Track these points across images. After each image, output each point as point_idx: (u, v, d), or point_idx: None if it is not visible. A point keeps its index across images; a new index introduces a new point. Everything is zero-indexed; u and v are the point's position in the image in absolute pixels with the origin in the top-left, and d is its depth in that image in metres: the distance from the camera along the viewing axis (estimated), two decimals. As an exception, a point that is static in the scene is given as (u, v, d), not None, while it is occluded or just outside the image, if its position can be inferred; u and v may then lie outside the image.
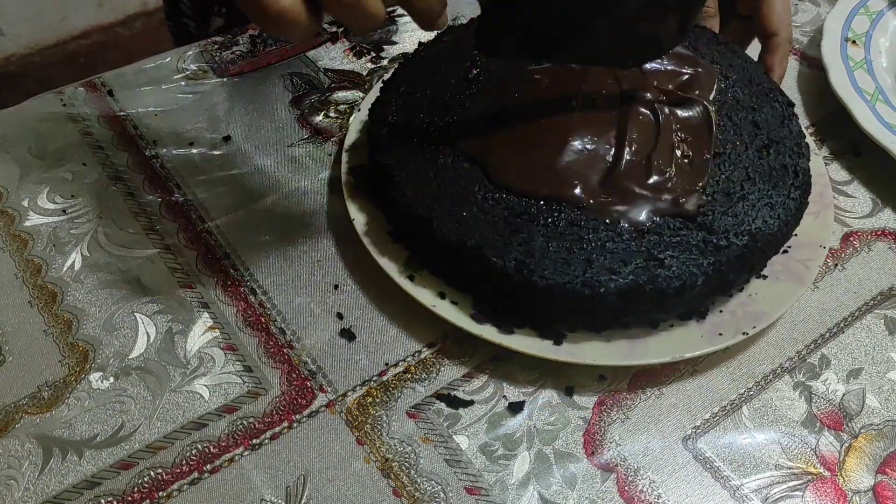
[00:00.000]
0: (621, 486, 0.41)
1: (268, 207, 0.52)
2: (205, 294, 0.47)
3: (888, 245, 0.53)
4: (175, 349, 0.45)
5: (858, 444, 0.44)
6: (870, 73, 0.61)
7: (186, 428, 0.42)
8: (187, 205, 0.52)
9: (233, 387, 0.43)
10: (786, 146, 0.48)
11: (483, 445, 0.42)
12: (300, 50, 0.63)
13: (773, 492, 0.42)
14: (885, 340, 0.48)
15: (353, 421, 0.43)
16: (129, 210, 0.51)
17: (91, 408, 0.42)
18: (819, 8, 0.72)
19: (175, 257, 0.49)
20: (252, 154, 0.55)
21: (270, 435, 0.42)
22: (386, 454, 0.41)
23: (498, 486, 0.41)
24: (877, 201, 0.56)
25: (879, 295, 0.50)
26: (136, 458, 0.41)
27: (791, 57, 0.67)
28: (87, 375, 0.43)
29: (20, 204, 0.51)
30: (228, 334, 0.46)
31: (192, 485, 0.40)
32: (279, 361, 0.45)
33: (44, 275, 0.48)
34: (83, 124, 0.56)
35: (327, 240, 0.50)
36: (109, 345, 0.45)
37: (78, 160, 0.54)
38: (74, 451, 0.41)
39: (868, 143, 0.56)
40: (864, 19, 0.66)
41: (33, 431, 0.41)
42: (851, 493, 0.42)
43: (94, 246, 0.49)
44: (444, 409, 0.43)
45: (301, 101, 0.59)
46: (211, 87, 0.59)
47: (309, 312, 0.47)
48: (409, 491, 0.40)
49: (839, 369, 0.47)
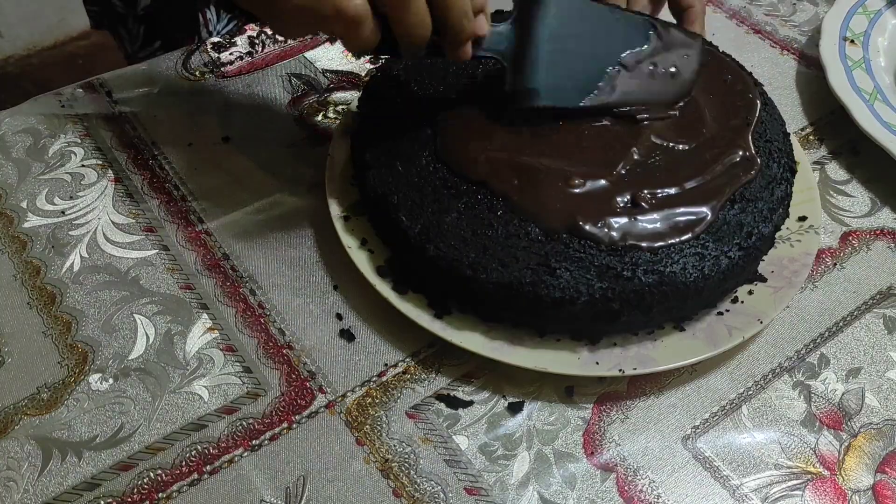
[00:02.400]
0: (621, 486, 0.41)
1: (267, 208, 0.52)
2: (204, 295, 0.47)
3: (887, 244, 0.53)
4: (174, 350, 0.45)
5: (858, 444, 0.44)
6: (868, 73, 0.61)
7: (186, 429, 0.42)
8: (186, 206, 0.52)
9: (232, 388, 0.43)
10: (756, 207, 0.46)
11: (483, 446, 0.42)
12: (298, 51, 0.63)
13: (772, 491, 0.42)
14: (885, 339, 0.48)
15: (353, 421, 0.43)
16: (128, 211, 0.51)
17: (90, 409, 0.42)
18: (817, 7, 0.72)
19: (174, 258, 0.49)
20: (251, 155, 0.55)
21: (270, 436, 0.42)
22: (386, 455, 0.41)
23: (498, 486, 0.41)
24: (875, 200, 0.56)
25: (878, 294, 0.50)
26: (136, 460, 0.40)
27: (789, 56, 0.67)
28: (87, 377, 0.43)
29: (19, 205, 0.51)
30: (228, 335, 0.46)
31: (191, 486, 0.40)
32: (278, 362, 0.45)
33: (43, 276, 0.48)
34: (82, 125, 0.56)
35: (327, 240, 0.50)
36: (109, 346, 0.45)
37: (76, 161, 0.54)
38: (74, 453, 0.41)
39: (866, 143, 0.56)
40: (863, 19, 0.66)
41: (33, 433, 0.41)
42: (851, 492, 0.42)
43: (93, 247, 0.49)
44: (443, 410, 0.43)
45: (300, 102, 0.59)
46: (210, 88, 0.59)
47: (308, 313, 0.47)
48: (408, 491, 0.40)
49: (838, 368, 0.47)
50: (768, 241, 0.47)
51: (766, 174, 0.47)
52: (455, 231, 0.44)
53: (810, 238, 0.50)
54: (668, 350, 0.44)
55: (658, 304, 0.43)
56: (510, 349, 0.43)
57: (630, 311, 0.42)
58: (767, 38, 0.68)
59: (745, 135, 0.49)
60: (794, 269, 0.48)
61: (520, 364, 0.43)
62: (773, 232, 0.47)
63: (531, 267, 0.42)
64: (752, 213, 0.45)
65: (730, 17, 0.71)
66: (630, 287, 0.42)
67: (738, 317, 0.46)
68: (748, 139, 0.49)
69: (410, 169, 0.46)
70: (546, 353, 0.44)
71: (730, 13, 0.71)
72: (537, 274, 0.42)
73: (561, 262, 0.42)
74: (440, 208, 0.44)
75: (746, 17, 0.70)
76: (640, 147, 0.47)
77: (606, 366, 0.43)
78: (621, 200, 0.44)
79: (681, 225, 0.44)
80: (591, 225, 0.43)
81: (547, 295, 0.41)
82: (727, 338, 0.44)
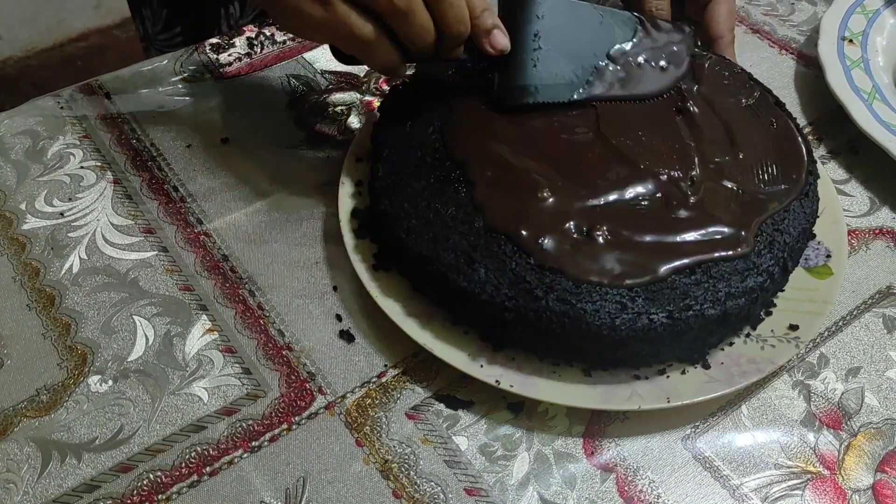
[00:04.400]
0: (621, 486, 0.41)
1: (266, 209, 0.52)
2: (203, 296, 0.47)
3: (886, 244, 0.53)
4: (174, 352, 0.45)
5: (857, 443, 0.44)
6: (867, 72, 0.61)
7: (185, 430, 0.42)
8: (185, 207, 0.52)
9: (232, 389, 0.43)
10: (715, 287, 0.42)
11: (482, 446, 0.42)
12: (297, 52, 0.63)
13: (772, 491, 0.42)
14: (884, 339, 0.48)
15: (353, 422, 0.43)
16: (127, 212, 0.51)
17: (90, 411, 0.42)
18: (816, 7, 0.72)
19: (173, 259, 0.49)
20: (250, 156, 0.55)
21: (270, 437, 0.42)
22: (385, 455, 0.41)
23: (497, 486, 0.41)
24: (874, 200, 0.56)
25: (878, 293, 0.50)
26: (136, 461, 0.40)
27: (788, 56, 0.67)
28: (86, 378, 0.43)
29: (18, 207, 0.51)
30: (227, 336, 0.46)
31: (191, 487, 0.40)
32: (278, 363, 0.45)
33: (42, 278, 0.48)
34: (80, 127, 0.56)
35: (326, 241, 0.50)
36: (108, 348, 0.45)
37: (75, 163, 0.54)
38: (73, 455, 0.40)
39: (865, 142, 0.56)
40: (861, 18, 0.66)
41: (32, 435, 0.41)
42: (851, 491, 0.42)
43: (92, 249, 0.49)
44: (443, 410, 0.43)
45: (299, 103, 0.59)
46: (208, 89, 0.59)
47: (308, 314, 0.47)
48: (408, 492, 0.40)
49: (838, 368, 0.47)
50: (712, 324, 0.42)
51: (749, 261, 0.43)
52: (414, 197, 0.45)
53: (785, 349, 0.44)
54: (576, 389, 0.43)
55: (552, 333, 0.41)
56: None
57: (522, 328, 0.41)
58: (766, 38, 0.68)
59: (754, 216, 0.44)
60: (745, 370, 0.43)
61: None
62: (722, 318, 0.42)
63: (456, 252, 0.43)
64: (706, 289, 0.41)
65: (728, 17, 0.71)
66: (533, 306, 0.40)
67: (650, 386, 0.43)
68: (752, 223, 0.44)
69: (411, 142, 0.48)
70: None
71: (728, 13, 0.71)
72: (457, 259, 0.42)
73: (484, 259, 0.42)
74: (415, 173, 0.46)
75: (745, 17, 0.70)
76: (643, 185, 0.45)
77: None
78: (577, 226, 0.43)
79: (620, 271, 0.41)
80: (530, 237, 0.42)
81: (454, 281, 0.42)
82: (625, 399, 0.42)
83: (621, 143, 0.47)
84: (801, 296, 0.47)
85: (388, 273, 0.46)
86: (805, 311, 0.46)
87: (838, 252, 0.49)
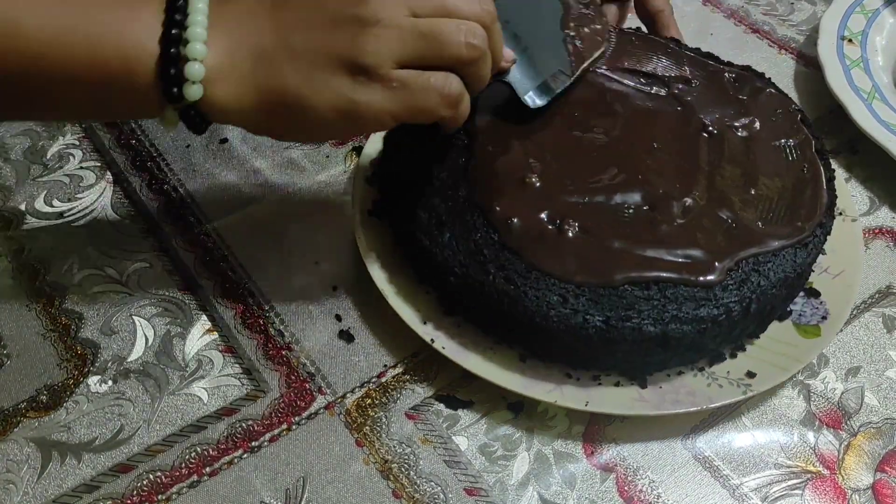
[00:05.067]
0: (621, 486, 0.41)
1: (266, 209, 0.52)
2: (203, 296, 0.47)
3: (886, 243, 0.53)
4: (173, 352, 0.45)
5: (857, 443, 0.44)
6: (866, 72, 0.61)
7: (185, 431, 0.42)
8: (185, 207, 0.52)
9: (232, 389, 0.43)
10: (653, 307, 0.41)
11: (482, 446, 0.42)
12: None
13: (772, 490, 0.42)
14: (884, 338, 0.48)
15: (353, 422, 0.43)
16: (127, 213, 0.51)
17: (90, 411, 0.42)
18: (815, 7, 0.72)
19: (173, 260, 0.49)
20: (249, 156, 0.55)
21: (270, 437, 0.42)
22: (385, 455, 0.41)
23: (497, 486, 0.41)
24: (874, 199, 0.56)
25: (877, 293, 0.50)
26: (135, 462, 0.40)
27: (787, 56, 0.67)
28: (86, 379, 0.43)
29: (17, 208, 0.51)
30: (227, 336, 0.46)
31: (191, 488, 0.40)
32: (278, 363, 0.45)
33: (42, 278, 0.48)
34: (80, 127, 0.56)
35: (325, 241, 0.50)
36: (108, 348, 0.45)
37: (75, 163, 0.54)
38: (73, 455, 0.40)
39: (865, 142, 0.56)
40: (861, 18, 0.66)
41: (32, 435, 0.41)
42: (851, 491, 0.42)
43: (92, 249, 0.49)
44: (443, 410, 0.43)
45: (298, 103, 0.59)
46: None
47: (307, 314, 0.47)
48: (408, 492, 0.40)
49: (838, 368, 0.47)
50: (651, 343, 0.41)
51: (711, 292, 0.41)
52: (423, 152, 0.46)
53: (730, 392, 0.42)
54: None
55: (491, 308, 0.41)
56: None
57: (466, 296, 0.43)
58: (766, 38, 0.69)
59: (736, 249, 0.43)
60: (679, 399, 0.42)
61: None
62: (661, 339, 0.41)
63: (430, 213, 0.44)
64: (653, 306, 0.41)
65: (728, 17, 0.71)
66: (479, 278, 0.41)
67: (576, 387, 0.42)
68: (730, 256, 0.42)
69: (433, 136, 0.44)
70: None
71: (728, 13, 0.71)
72: (430, 220, 0.44)
73: (454, 225, 0.43)
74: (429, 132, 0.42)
75: (745, 17, 0.71)
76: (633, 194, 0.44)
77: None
78: (550, 216, 0.43)
79: (575, 267, 0.41)
80: (502, 216, 0.43)
81: (420, 240, 0.43)
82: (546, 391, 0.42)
83: (629, 149, 0.47)
84: (778, 348, 0.44)
85: (381, 222, 0.48)
86: (771, 362, 0.44)
87: (836, 317, 0.46)
